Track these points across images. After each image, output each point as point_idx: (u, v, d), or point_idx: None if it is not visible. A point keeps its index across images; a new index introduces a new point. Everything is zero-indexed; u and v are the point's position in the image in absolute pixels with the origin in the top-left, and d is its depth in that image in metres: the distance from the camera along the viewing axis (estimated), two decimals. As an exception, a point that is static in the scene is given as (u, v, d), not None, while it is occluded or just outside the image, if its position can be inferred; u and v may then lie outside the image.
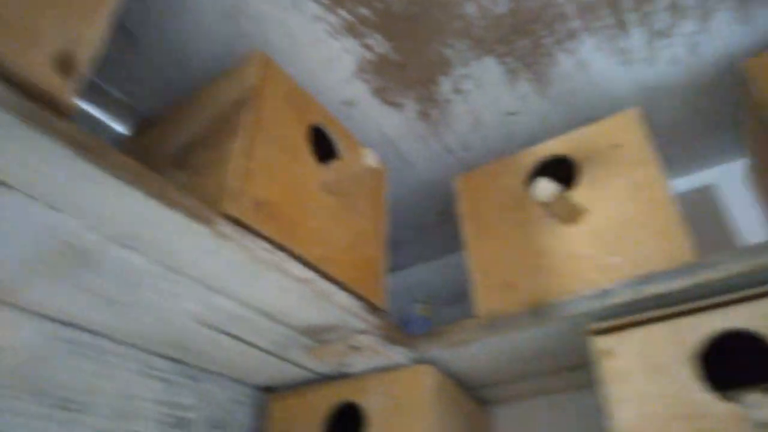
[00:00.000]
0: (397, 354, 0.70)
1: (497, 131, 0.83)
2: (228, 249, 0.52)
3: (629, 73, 0.73)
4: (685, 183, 0.91)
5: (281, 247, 0.56)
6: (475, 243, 0.76)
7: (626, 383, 0.55)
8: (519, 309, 0.65)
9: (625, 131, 0.71)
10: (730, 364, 0.59)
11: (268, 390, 0.81)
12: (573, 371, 0.75)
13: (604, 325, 0.59)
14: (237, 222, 0.52)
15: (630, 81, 0.74)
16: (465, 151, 0.87)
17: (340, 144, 0.71)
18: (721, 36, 0.68)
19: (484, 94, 0.77)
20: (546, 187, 0.64)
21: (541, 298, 0.65)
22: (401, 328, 0.70)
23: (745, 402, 0.43)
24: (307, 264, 0.58)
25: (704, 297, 0.55)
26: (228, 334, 0.66)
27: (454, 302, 1.05)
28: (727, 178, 0.88)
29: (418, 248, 1.11)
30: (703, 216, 0.88)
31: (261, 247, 0.53)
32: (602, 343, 0.58)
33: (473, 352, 0.71)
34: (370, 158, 0.64)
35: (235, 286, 0.57)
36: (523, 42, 0.70)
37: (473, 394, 0.84)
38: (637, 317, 0.57)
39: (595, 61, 0.71)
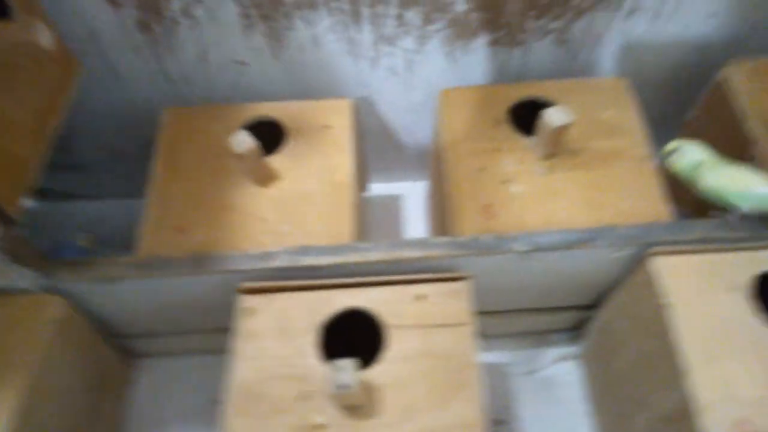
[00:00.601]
0: (21, 276, 0.59)
1: (223, 76, 0.78)
2: None
3: (355, 65, 0.77)
4: (379, 188, 1.02)
5: None
6: (162, 180, 0.71)
7: (256, 343, 0.57)
8: (181, 254, 0.62)
9: (337, 116, 0.74)
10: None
11: None
12: (229, 333, 0.75)
13: (254, 285, 0.59)
14: None
15: (354, 74, 0.79)
16: (186, 84, 0.80)
17: (15, 9, 0.57)
18: (432, 63, 0.78)
19: (217, 32, 0.72)
20: (244, 141, 0.63)
21: (207, 249, 0.64)
22: (37, 248, 0.60)
23: (334, 367, 0.48)
24: None
25: (350, 276, 0.61)
26: None
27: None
28: (414, 192, 1.02)
29: (113, 179, 0.98)
30: (386, 219, 1.00)
31: None
32: (246, 301, 0.59)
33: (123, 293, 0.65)
34: (44, 36, 0.53)
35: None
36: (267, -7, 0.68)
37: (117, 342, 0.77)
38: (284, 283, 0.60)
39: (328, 42, 0.74)
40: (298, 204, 0.67)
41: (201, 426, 0.79)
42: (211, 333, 0.76)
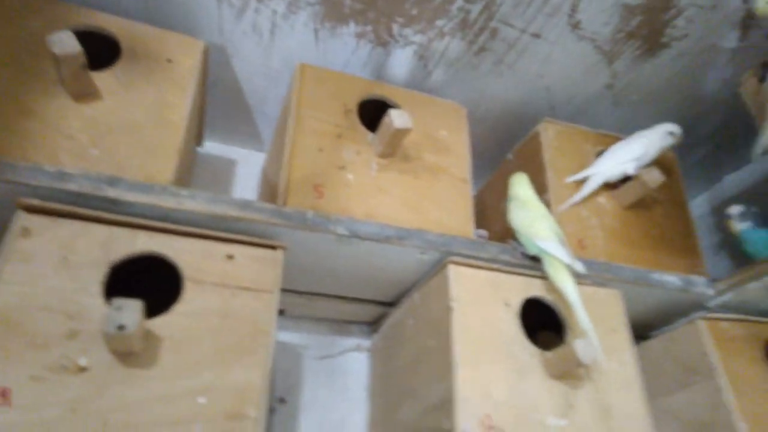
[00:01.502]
0: None
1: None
2: None
3: (218, 9, 0.73)
4: (214, 148, 0.97)
5: None
6: (-54, 61, 0.59)
7: (28, 267, 0.50)
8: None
9: (184, 54, 0.69)
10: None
11: None
12: None
13: (38, 203, 0.52)
14: None
15: (215, 18, 0.74)
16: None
17: None
18: (297, 35, 0.77)
19: None
20: (66, 42, 0.55)
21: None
22: None
23: (114, 305, 0.44)
24: None
25: (159, 221, 0.56)
26: None
27: None
28: (251, 162, 0.99)
29: None
30: (214, 180, 0.95)
31: None
32: (26, 219, 0.51)
33: None
34: None
35: None
36: None
37: None
38: (78, 209, 0.53)
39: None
40: (116, 131, 0.61)
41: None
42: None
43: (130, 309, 0.44)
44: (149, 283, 0.57)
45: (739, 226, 0.84)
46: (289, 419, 0.79)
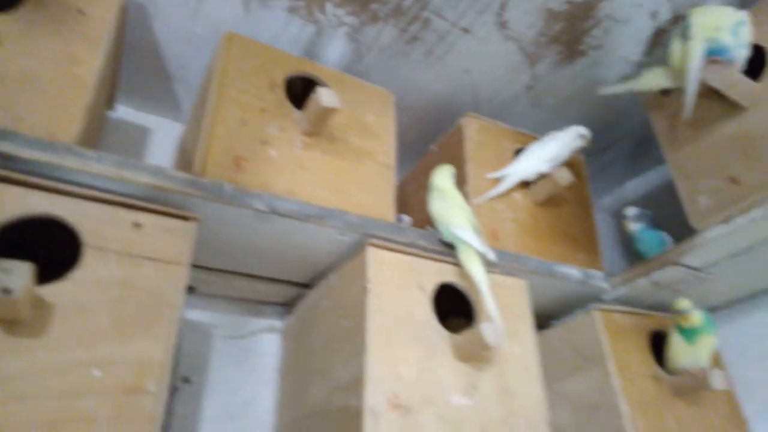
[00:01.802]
0: None
1: None
2: None
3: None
4: (128, 113, 0.91)
5: None
6: None
7: None
8: None
9: (99, 7, 0.64)
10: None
11: None
12: None
13: None
14: None
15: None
16: None
17: None
18: (226, 1, 0.74)
19: None
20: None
21: None
22: None
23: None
24: None
25: (61, 181, 0.52)
26: None
27: None
28: (167, 131, 0.94)
29: None
30: (125, 148, 0.89)
31: None
32: None
33: None
34: None
35: None
36: None
37: None
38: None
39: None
40: (14, 82, 0.56)
41: None
42: None
43: (18, 272, 0.40)
44: (54, 251, 0.53)
45: (633, 227, 0.91)
46: (192, 399, 0.76)
